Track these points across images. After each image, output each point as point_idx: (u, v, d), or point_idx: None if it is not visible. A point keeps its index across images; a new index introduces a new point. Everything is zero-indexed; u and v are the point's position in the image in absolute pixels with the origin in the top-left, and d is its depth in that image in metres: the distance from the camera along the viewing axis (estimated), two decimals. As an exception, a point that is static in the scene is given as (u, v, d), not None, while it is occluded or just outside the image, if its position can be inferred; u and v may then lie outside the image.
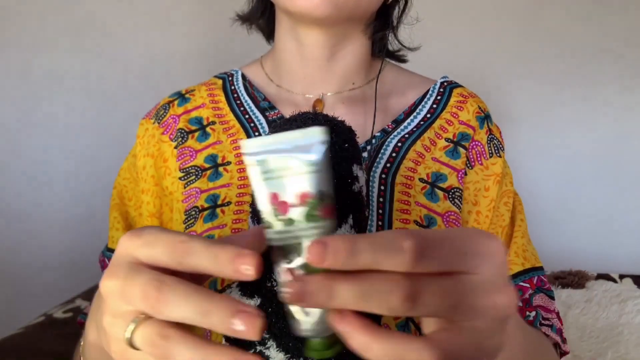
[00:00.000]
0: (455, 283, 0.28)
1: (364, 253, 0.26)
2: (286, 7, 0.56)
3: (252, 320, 0.27)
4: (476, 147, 0.64)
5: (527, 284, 0.63)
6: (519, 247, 0.65)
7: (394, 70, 0.70)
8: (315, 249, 0.26)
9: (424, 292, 0.27)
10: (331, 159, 0.39)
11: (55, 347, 1.11)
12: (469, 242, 0.29)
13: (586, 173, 1.65)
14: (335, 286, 0.27)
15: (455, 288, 0.28)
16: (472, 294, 0.28)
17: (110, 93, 1.54)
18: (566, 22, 1.58)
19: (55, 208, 1.57)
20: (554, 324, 0.63)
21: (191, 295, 0.28)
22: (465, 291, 0.28)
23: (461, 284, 0.28)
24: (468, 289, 0.28)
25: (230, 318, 0.27)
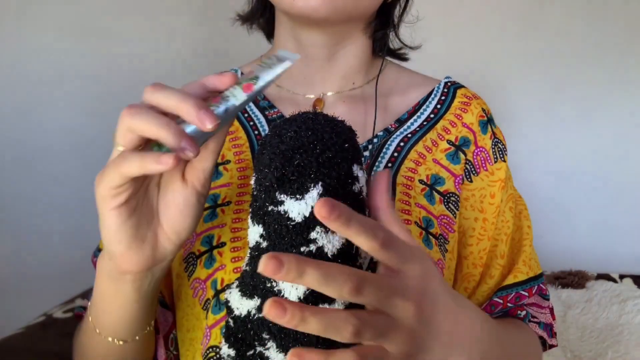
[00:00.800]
0: (387, 280, 0.36)
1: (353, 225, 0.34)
2: (285, 9, 0.56)
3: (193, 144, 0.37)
4: (481, 153, 0.64)
5: (526, 293, 0.65)
6: (527, 256, 0.66)
7: (395, 69, 0.69)
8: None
9: (367, 284, 0.34)
10: (331, 158, 0.39)
11: (55, 347, 1.10)
12: (409, 251, 0.38)
13: (586, 173, 1.65)
14: (306, 267, 0.32)
15: (386, 283, 0.36)
16: (395, 291, 0.36)
17: (110, 93, 1.54)
18: (566, 22, 1.58)
19: (55, 208, 1.57)
20: (542, 319, 0.66)
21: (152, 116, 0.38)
22: (392, 287, 0.36)
23: (390, 282, 0.36)
24: (393, 286, 0.36)
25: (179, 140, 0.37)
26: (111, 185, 0.40)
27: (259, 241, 0.41)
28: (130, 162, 0.38)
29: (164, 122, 0.37)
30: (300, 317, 0.32)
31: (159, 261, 0.46)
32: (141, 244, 0.43)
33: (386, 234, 0.36)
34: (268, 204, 0.40)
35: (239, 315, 0.43)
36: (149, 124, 0.37)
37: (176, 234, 0.45)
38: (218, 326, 0.52)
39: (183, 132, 0.37)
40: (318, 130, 0.40)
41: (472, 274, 0.64)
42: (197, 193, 0.44)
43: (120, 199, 0.40)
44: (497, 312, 0.65)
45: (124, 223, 0.41)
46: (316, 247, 0.39)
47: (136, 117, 0.38)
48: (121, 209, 0.41)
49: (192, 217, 0.45)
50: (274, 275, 0.31)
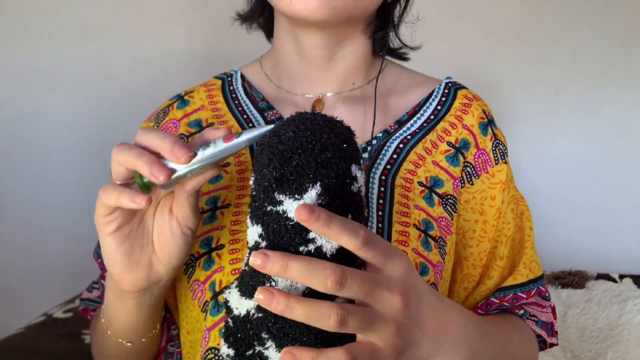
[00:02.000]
0: (371, 275, 0.38)
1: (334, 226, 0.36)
2: (283, 11, 0.56)
3: (162, 169, 0.42)
4: (482, 155, 0.64)
5: (524, 295, 0.65)
6: (528, 259, 0.66)
7: (395, 69, 0.69)
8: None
9: (349, 279, 0.36)
10: (330, 159, 0.39)
11: (55, 347, 1.11)
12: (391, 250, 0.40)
13: (586, 173, 1.65)
14: (290, 261, 0.36)
15: (369, 278, 0.38)
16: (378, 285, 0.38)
17: (110, 93, 1.54)
18: (566, 22, 1.58)
19: (55, 208, 1.57)
20: (542, 318, 0.67)
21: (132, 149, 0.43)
22: (375, 282, 0.38)
23: (373, 277, 0.38)
24: (376, 281, 0.38)
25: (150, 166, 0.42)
26: (99, 214, 0.46)
27: (258, 241, 0.41)
28: (109, 195, 0.44)
29: (139, 152, 0.43)
30: (285, 303, 0.36)
31: (153, 283, 0.51)
32: (135, 267, 0.49)
33: (367, 232, 0.38)
34: (267, 204, 0.40)
35: (238, 315, 0.43)
36: (129, 156, 0.43)
37: (167, 260, 0.50)
38: (217, 328, 0.52)
39: (154, 160, 0.42)
40: (316, 130, 0.40)
41: (472, 275, 0.64)
42: (180, 225, 0.49)
43: (111, 226, 0.46)
44: (492, 310, 0.65)
45: (118, 247, 0.47)
46: (315, 247, 0.39)
47: (120, 151, 0.43)
48: (115, 235, 0.47)
49: (180, 246, 0.49)
50: (261, 268, 0.36)
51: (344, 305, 0.37)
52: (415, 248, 0.56)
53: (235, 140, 0.43)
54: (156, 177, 0.42)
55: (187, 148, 0.42)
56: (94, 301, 0.71)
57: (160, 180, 0.42)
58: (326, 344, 0.40)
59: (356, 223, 0.38)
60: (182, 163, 0.42)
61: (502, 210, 0.64)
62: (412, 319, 0.40)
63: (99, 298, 0.71)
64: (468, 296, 0.65)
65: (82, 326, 1.20)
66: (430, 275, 0.56)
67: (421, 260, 0.56)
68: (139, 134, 0.45)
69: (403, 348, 0.40)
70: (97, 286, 0.72)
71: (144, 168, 0.42)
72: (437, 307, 0.45)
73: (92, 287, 0.73)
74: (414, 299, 0.41)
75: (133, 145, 0.44)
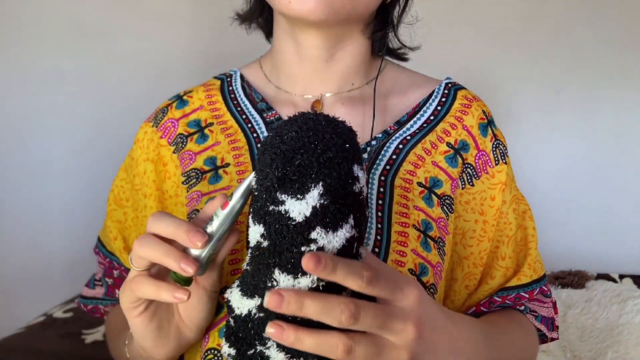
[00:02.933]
0: (383, 308, 0.40)
1: (339, 271, 0.37)
2: (282, 11, 0.56)
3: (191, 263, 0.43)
4: (482, 157, 0.64)
5: (526, 295, 0.66)
6: (532, 259, 0.67)
7: (394, 69, 0.69)
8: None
9: (363, 313, 0.38)
10: (332, 159, 0.39)
11: (55, 347, 1.11)
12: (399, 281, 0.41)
13: (586, 173, 1.65)
14: (305, 300, 0.37)
15: (383, 311, 0.39)
16: (391, 317, 0.40)
17: (110, 93, 1.54)
18: (566, 22, 1.58)
19: (55, 208, 1.57)
20: (543, 313, 0.69)
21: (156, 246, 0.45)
22: (388, 315, 0.39)
23: (386, 309, 0.40)
24: (390, 313, 0.40)
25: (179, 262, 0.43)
26: (130, 301, 0.47)
27: (260, 241, 0.41)
28: (146, 288, 0.45)
29: (166, 250, 0.44)
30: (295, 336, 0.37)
31: (183, 348, 0.53)
32: (165, 339, 0.50)
33: (371, 272, 0.39)
34: (269, 204, 0.40)
35: (240, 315, 0.43)
36: (155, 252, 0.44)
37: (195, 325, 0.51)
38: (216, 328, 0.53)
39: (183, 256, 0.44)
40: (319, 130, 0.40)
41: (473, 273, 0.64)
42: (208, 292, 0.50)
43: (140, 309, 0.48)
44: (495, 307, 0.66)
45: (147, 326, 0.49)
46: (316, 247, 0.39)
47: (144, 247, 0.45)
48: (143, 316, 0.48)
49: (207, 310, 0.51)
50: (276, 308, 0.37)
51: (351, 335, 0.38)
52: (414, 249, 0.56)
53: (230, 203, 0.45)
54: (187, 271, 0.43)
55: (201, 233, 0.44)
56: (101, 299, 0.73)
57: (191, 274, 0.44)
58: None
59: (358, 264, 0.39)
60: (200, 248, 0.44)
61: (504, 211, 0.64)
62: (425, 347, 0.42)
63: (105, 295, 0.72)
64: (471, 294, 0.65)
65: (82, 326, 1.20)
66: (429, 276, 0.56)
67: (420, 261, 0.56)
68: (151, 222, 0.46)
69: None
70: (100, 283, 0.73)
71: (174, 265, 0.43)
72: (449, 327, 0.47)
73: (94, 284, 0.74)
74: (427, 327, 0.42)
75: (154, 238, 0.45)
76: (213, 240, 0.45)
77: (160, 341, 0.50)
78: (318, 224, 0.38)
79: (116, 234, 0.69)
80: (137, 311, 0.47)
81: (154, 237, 0.45)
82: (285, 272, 0.39)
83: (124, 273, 0.69)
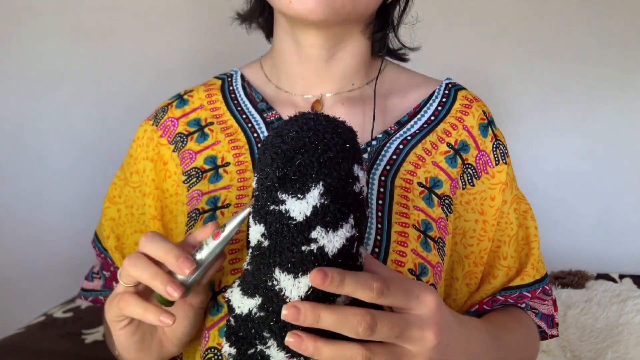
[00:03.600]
0: (400, 317, 0.40)
1: (347, 284, 0.38)
2: (282, 10, 0.56)
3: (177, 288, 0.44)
4: (482, 157, 0.64)
5: (529, 294, 0.67)
6: (535, 259, 0.68)
7: (395, 69, 0.69)
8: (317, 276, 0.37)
9: (379, 323, 0.38)
10: (332, 158, 0.39)
11: (55, 347, 1.11)
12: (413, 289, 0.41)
13: (586, 173, 1.65)
14: (321, 313, 0.37)
15: (399, 320, 0.39)
16: (409, 326, 0.40)
17: (111, 94, 1.54)
18: (566, 22, 1.58)
19: (55, 208, 1.57)
20: (543, 310, 0.70)
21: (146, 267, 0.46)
22: (405, 324, 0.39)
23: (403, 318, 0.40)
24: (407, 322, 0.40)
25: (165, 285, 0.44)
26: (115, 315, 0.48)
27: (261, 240, 0.41)
28: (133, 309, 0.46)
29: (154, 273, 0.45)
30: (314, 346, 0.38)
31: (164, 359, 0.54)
32: (147, 351, 0.52)
33: (382, 282, 0.39)
34: (269, 204, 0.40)
35: (240, 314, 0.43)
36: (143, 273, 0.45)
37: (177, 339, 0.52)
38: (216, 327, 0.53)
39: (169, 279, 0.45)
40: (319, 130, 0.40)
41: (474, 272, 0.64)
42: (194, 309, 0.51)
43: (124, 322, 0.49)
44: (497, 306, 0.66)
45: (130, 339, 0.50)
46: (317, 247, 0.39)
47: (134, 267, 0.46)
48: (126, 329, 0.49)
49: (191, 326, 0.52)
50: (294, 320, 0.37)
51: (368, 345, 0.38)
52: (414, 249, 0.56)
53: (222, 235, 0.46)
54: (172, 296, 0.44)
55: (190, 260, 0.45)
56: (100, 291, 0.74)
57: (176, 298, 0.45)
58: None
59: (367, 275, 0.39)
60: (188, 276, 0.45)
61: (504, 210, 0.65)
62: (442, 352, 0.42)
63: (104, 287, 0.73)
64: (472, 293, 0.66)
65: (82, 326, 1.20)
66: (429, 276, 0.56)
67: (420, 261, 0.56)
68: (143, 242, 0.47)
69: None
70: (98, 276, 0.73)
71: (160, 289, 0.44)
72: (463, 332, 0.47)
73: (92, 277, 0.75)
74: (445, 332, 0.42)
75: (144, 259, 0.46)
76: (200, 268, 0.46)
77: (142, 353, 0.52)
78: (318, 223, 0.39)
79: (109, 232, 0.69)
80: (121, 324, 0.49)
81: (144, 257, 0.46)
82: (285, 272, 0.39)
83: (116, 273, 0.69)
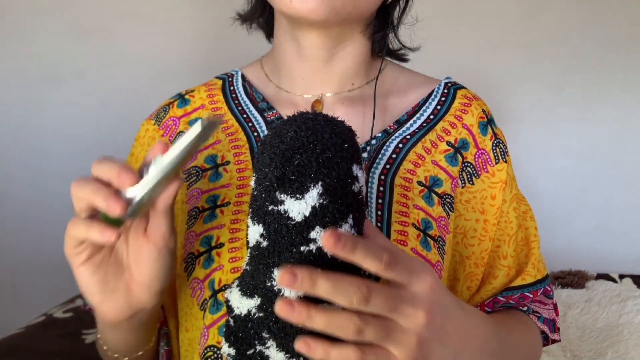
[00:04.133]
0: (396, 292, 0.39)
1: (358, 252, 0.37)
2: (282, 10, 0.56)
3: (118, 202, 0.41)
4: (482, 155, 0.64)
5: (530, 295, 0.66)
6: (535, 259, 0.68)
7: (395, 69, 0.69)
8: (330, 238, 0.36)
9: (374, 296, 0.37)
10: (331, 158, 0.39)
11: (55, 347, 1.11)
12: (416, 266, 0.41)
13: (586, 173, 1.65)
14: (318, 279, 0.36)
15: (394, 295, 0.39)
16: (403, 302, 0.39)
17: (111, 94, 1.54)
18: (566, 22, 1.58)
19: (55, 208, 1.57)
20: (545, 315, 0.68)
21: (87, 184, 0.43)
22: (400, 299, 0.39)
23: (398, 293, 0.39)
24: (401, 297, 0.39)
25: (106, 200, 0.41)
26: (69, 246, 0.45)
27: (259, 240, 0.41)
28: (77, 229, 0.44)
29: (95, 188, 0.42)
30: (306, 314, 0.36)
31: (136, 310, 0.50)
32: (112, 295, 0.48)
33: (390, 255, 0.39)
34: (268, 204, 0.40)
35: (239, 315, 0.43)
36: (85, 192, 0.43)
37: (146, 285, 0.49)
38: (215, 326, 0.53)
39: (111, 194, 0.42)
40: (318, 130, 0.40)
41: (474, 273, 0.64)
42: (158, 248, 0.47)
43: (82, 257, 0.46)
44: (499, 307, 0.66)
45: (91, 277, 0.47)
46: (316, 247, 0.39)
47: (77, 187, 0.44)
48: (86, 266, 0.46)
49: (159, 269, 0.48)
50: (289, 286, 0.36)
51: (362, 316, 0.38)
52: (414, 248, 0.56)
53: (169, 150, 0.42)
54: (112, 210, 0.41)
55: (132, 173, 0.42)
56: None
57: (117, 212, 0.41)
58: None
59: (377, 246, 0.39)
60: (127, 187, 0.42)
61: (504, 210, 0.64)
62: (435, 334, 0.42)
63: None
64: (473, 295, 0.66)
65: (82, 326, 1.20)
66: None
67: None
68: (94, 165, 0.44)
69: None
70: None
71: (101, 203, 0.42)
72: (461, 318, 0.46)
73: None
74: (438, 314, 0.41)
75: (90, 179, 0.44)
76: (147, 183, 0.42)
77: (106, 296, 0.48)
78: (317, 223, 0.39)
79: None
80: (79, 258, 0.46)
81: (92, 179, 0.44)
82: (284, 272, 0.39)
83: None
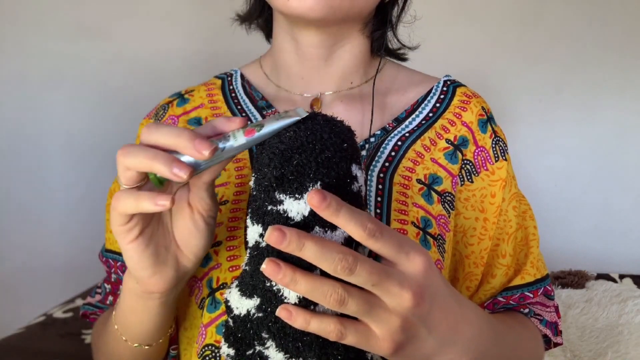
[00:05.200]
0: (382, 266, 0.38)
1: (342, 215, 0.36)
2: (280, 9, 0.56)
3: (184, 167, 0.39)
4: (481, 153, 0.64)
5: (531, 294, 0.66)
6: (534, 257, 0.67)
7: (393, 68, 0.69)
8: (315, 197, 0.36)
9: (359, 267, 0.36)
10: (330, 158, 0.39)
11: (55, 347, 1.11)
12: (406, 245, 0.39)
13: (586, 173, 1.65)
14: (306, 242, 0.36)
15: (380, 269, 0.37)
16: (388, 278, 0.38)
17: (110, 93, 1.54)
18: (566, 22, 1.58)
19: (55, 208, 1.57)
20: (547, 317, 0.67)
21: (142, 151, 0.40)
22: (386, 274, 0.38)
23: (385, 269, 0.38)
24: (387, 273, 0.38)
25: (170, 166, 0.39)
26: (118, 224, 0.43)
27: (259, 240, 0.41)
28: (125, 202, 0.41)
29: (153, 153, 0.39)
30: (291, 277, 0.36)
31: (181, 279, 0.50)
32: (163, 267, 0.47)
33: (377, 225, 0.37)
34: (267, 204, 0.40)
35: (239, 315, 0.43)
36: (141, 158, 0.40)
37: (193, 253, 0.48)
38: (213, 325, 0.53)
39: (173, 158, 0.39)
40: (317, 130, 0.40)
41: (473, 273, 0.64)
42: (202, 217, 0.47)
43: (133, 233, 0.44)
44: (499, 308, 0.65)
45: (143, 252, 0.45)
46: (315, 247, 0.39)
47: (128, 155, 0.40)
48: (137, 241, 0.44)
49: (204, 237, 0.48)
50: (277, 244, 0.36)
51: (347, 286, 0.37)
52: None
53: (257, 134, 0.41)
54: (179, 176, 0.39)
55: (209, 142, 0.39)
56: (95, 306, 0.71)
57: (184, 179, 0.39)
58: (327, 343, 0.40)
59: (367, 216, 0.38)
60: (205, 158, 0.39)
61: (504, 208, 0.64)
62: (420, 318, 0.40)
63: (99, 302, 0.70)
64: (472, 295, 0.65)
65: (82, 326, 1.20)
66: None
67: None
68: (146, 132, 0.41)
69: (403, 343, 0.40)
70: (100, 291, 0.72)
71: (164, 170, 0.39)
72: (454, 307, 0.44)
73: (95, 292, 0.73)
74: (427, 298, 0.40)
75: (140, 146, 0.41)
76: (217, 156, 0.40)
77: (157, 268, 0.46)
78: (316, 223, 0.38)
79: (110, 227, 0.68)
80: (130, 235, 0.44)
81: (141, 145, 0.41)
82: (283, 272, 0.39)
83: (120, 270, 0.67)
